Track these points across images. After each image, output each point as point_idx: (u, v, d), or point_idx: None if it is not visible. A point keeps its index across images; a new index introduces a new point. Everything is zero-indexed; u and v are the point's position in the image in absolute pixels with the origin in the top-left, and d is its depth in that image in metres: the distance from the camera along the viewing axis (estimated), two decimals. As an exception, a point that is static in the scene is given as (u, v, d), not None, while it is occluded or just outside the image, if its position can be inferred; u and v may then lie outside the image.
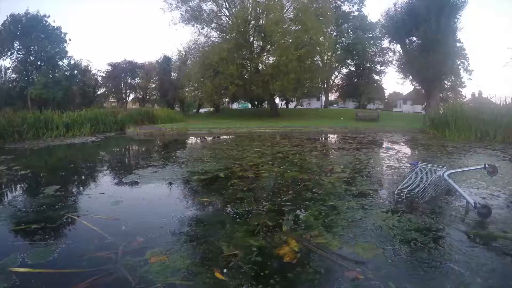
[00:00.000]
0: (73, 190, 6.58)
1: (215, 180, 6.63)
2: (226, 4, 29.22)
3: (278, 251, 3.34)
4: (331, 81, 52.37)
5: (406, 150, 11.53)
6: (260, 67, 29.17)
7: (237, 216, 4.39)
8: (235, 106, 54.51)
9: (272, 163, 8.35)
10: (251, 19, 27.80)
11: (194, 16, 29.22)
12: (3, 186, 6.86)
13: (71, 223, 4.38)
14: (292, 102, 56.87)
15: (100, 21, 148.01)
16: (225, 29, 29.55)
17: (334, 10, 39.90)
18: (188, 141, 15.12)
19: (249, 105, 53.16)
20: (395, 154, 9.74)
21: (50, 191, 6.04)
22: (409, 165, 6.73)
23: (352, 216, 4.30)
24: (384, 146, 12.29)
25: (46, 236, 3.92)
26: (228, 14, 29.58)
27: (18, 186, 7.13)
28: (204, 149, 11.77)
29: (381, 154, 10.04)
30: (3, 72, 50.45)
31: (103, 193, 5.86)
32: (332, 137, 16.82)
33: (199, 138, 15.83)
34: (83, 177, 7.92)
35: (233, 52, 26.95)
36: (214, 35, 31.61)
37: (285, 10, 28.29)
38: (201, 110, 48.25)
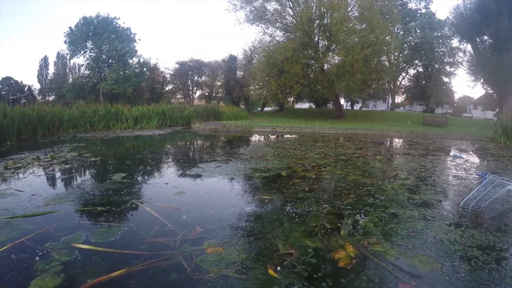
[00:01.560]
0: (139, 178, 7.02)
1: (277, 179, 6.55)
2: (290, 3, 29.16)
3: (333, 254, 3.25)
4: (398, 83, 49.81)
5: (475, 159, 10.52)
6: (326, 67, 28.72)
7: (296, 216, 4.34)
8: (298, 105, 54.17)
9: (335, 165, 8.10)
10: (316, 18, 27.48)
11: (259, 16, 29.59)
12: (73, 170, 7.48)
13: (135, 209, 4.67)
14: (358, 103, 55.25)
15: (169, 21, 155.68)
16: (289, 29, 29.51)
17: (400, 7, 37.99)
18: (251, 138, 15.25)
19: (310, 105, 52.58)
20: (462, 164, 8.95)
21: (117, 178, 6.53)
22: (477, 176, 6.22)
23: (413, 226, 4.02)
24: (451, 154, 11.38)
25: (110, 219, 4.23)
26: (292, 13, 29.51)
27: (88, 172, 7.80)
28: (267, 147, 11.76)
29: (448, 162, 9.29)
30: (77, 68, 55.71)
31: (167, 183, 6.14)
32: (398, 142, 15.96)
33: (262, 136, 15.91)
34: (148, 167, 8.39)
35: (298, 52, 26.82)
36: (279, 34, 31.76)
37: (349, 9, 27.53)
38: (265, 109, 48.68)
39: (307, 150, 10.65)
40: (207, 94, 51.83)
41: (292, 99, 42.37)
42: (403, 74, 49.55)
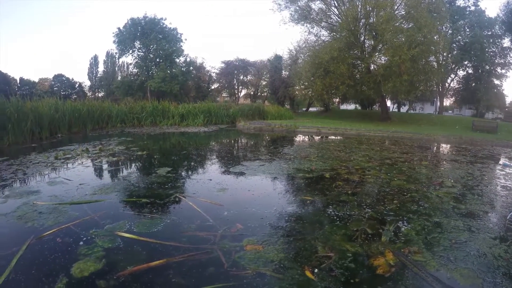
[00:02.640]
0: (183, 173, 7.22)
1: (320, 180, 6.43)
2: (335, 2, 28.71)
3: (373, 261, 3.15)
4: (446, 85, 47.29)
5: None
6: (372, 67, 27.90)
7: (337, 219, 4.24)
8: (344, 106, 53.21)
9: (379, 169, 7.81)
10: (361, 17, 26.80)
11: (303, 16, 29.42)
12: (120, 163, 7.79)
13: (178, 202, 4.80)
14: (404, 105, 53.20)
15: (216, 21, 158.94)
16: (335, 28, 29.04)
17: (448, 5, 35.91)
18: (296, 138, 15.14)
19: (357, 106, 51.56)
20: None
21: (162, 172, 6.75)
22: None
23: (456, 237, 3.77)
24: (501, 162, 10.61)
25: (154, 210, 4.40)
26: (337, 12, 29.01)
27: (134, 165, 8.17)
28: (311, 148, 11.60)
29: (496, 171, 8.66)
30: (125, 67, 58.61)
31: (211, 180, 6.24)
32: (445, 147, 15.13)
33: (307, 137, 15.74)
34: (193, 163, 8.60)
35: (343, 51, 26.34)
36: (324, 34, 31.38)
37: (396, 7, 26.50)
38: (310, 109, 48.35)
39: (351, 152, 10.40)
40: (252, 93, 52.40)
41: (337, 99, 41.73)
42: (452, 75, 46.96)
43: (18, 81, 78.88)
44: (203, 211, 4.29)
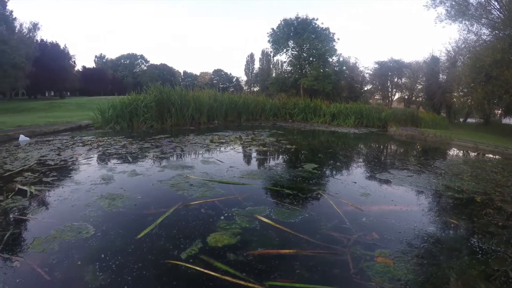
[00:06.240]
0: (328, 172, 7.19)
1: (469, 203, 5.56)
2: None
3: None
4: None
5: None
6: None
7: (480, 252, 3.61)
8: (506, 120, 45.21)
9: (543, 201, 6.36)
10: None
11: (461, 12, 25.14)
12: (269, 153, 8.32)
13: (319, 199, 4.83)
14: None
15: (368, 20, 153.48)
16: (496, 25, 24.06)
17: None
18: (449, 151, 13.53)
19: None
20: None
21: (308, 168, 6.90)
22: None
23: None
24: None
25: (295, 202, 4.53)
26: (498, 6, 23.96)
27: (281, 157, 8.56)
28: (465, 164, 10.17)
29: None
30: (279, 64, 62.68)
31: (355, 183, 6.08)
32: None
33: (461, 151, 13.90)
34: (338, 163, 8.51)
35: (508, 54, 21.75)
36: (485, 32, 26.04)
37: None
38: (468, 120, 42.71)
39: (510, 176, 8.80)
40: (406, 97, 48.87)
41: (500, 111, 35.58)
42: None
43: (182, 74, 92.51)
44: (342, 212, 4.23)
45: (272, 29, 46.33)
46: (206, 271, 2.68)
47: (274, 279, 2.64)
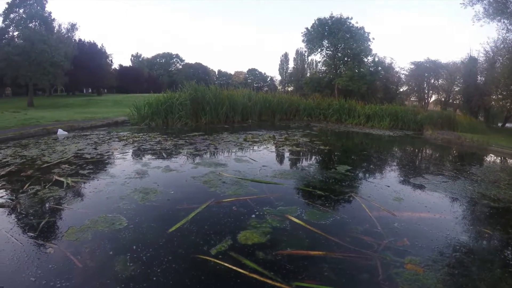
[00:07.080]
0: (361, 174, 7.07)
1: (505, 213, 5.30)
2: None
3: None
4: None
5: None
6: None
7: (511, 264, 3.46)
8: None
9: None
10: None
11: (499, 10, 23.89)
12: (302, 153, 8.44)
13: (351, 202, 4.79)
14: None
15: (405, 19, 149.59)
16: None
17: None
18: (486, 158, 12.96)
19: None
20: None
21: (341, 169, 6.84)
22: None
23: None
24: None
25: (326, 204, 4.52)
26: None
27: (314, 157, 8.56)
28: (502, 172, 9.68)
29: None
30: (314, 64, 61.95)
31: (388, 186, 5.96)
32: None
33: (499, 158, 13.29)
34: (372, 166, 8.36)
35: None
36: None
37: None
38: (507, 125, 40.71)
39: None
40: (443, 99, 47.13)
41: None
42: None
43: (216, 73, 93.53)
44: (373, 216, 4.16)
45: (306, 28, 45.89)
46: (234, 268, 2.72)
47: (302, 280, 2.64)
